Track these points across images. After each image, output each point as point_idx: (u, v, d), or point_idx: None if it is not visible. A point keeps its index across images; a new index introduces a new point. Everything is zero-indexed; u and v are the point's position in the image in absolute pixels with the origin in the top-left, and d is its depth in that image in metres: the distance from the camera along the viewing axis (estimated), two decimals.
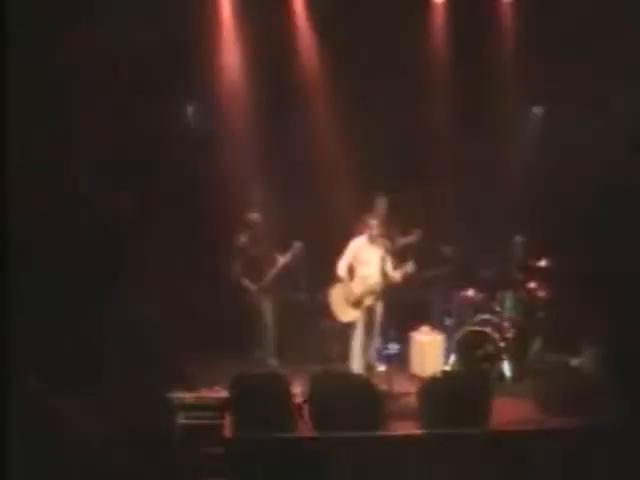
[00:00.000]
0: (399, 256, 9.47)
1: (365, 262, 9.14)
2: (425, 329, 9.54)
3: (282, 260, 9.49)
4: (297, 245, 9.43)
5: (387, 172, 10.39)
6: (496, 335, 9.13)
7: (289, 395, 7.89)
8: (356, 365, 9.11)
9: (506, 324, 9.28)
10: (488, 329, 9.18)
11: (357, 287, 9.12)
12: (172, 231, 9.06)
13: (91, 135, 8.12)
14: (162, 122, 9.05)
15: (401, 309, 9.77)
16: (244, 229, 9.71)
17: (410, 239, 9.88)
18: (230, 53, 10.27)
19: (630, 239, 9.39)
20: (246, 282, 9.52)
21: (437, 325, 9.58)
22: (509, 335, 9.23)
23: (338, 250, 9.27)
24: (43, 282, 7.07)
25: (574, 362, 9.55)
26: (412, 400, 8.32)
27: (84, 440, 7.08)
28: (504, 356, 9.09)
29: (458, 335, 9.24)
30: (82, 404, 7.17)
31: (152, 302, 8.63)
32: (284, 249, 9.52)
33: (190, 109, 10.12)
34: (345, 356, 9.40)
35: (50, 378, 6.98)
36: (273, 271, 9.53)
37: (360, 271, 9.15)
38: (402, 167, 10.59)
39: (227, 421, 7.77)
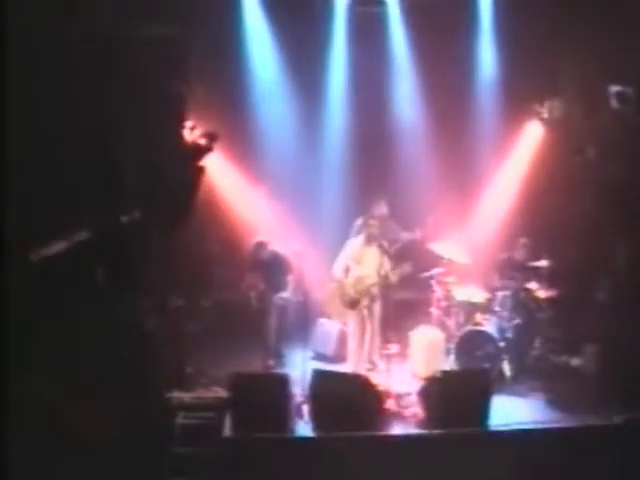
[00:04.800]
0: (399, 255, 9.48)
1: (362, 262, 9.13)
2: (425, 329, 9.53)
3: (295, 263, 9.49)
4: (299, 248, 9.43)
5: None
6: (496, 335, 9.13)
7: (289, 395, 7.89)
8: (354, 365, 9.10)
9: (506, 324, 9.28)
10: (488, 329, 9.18)
11: (353, 287, 9.11)
12: (179, 237, 9.05)
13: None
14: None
15: (401, 309, 9.77)
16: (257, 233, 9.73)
17: (414, 235, 9.87)
18: None
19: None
20: (257, 284, 9.51)
21: (437, 325, 9.57)
22: (509, 335, 9.22)
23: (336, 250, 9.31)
24: (43, 281, 7.06)
25: (574, 362, 9.57)
26: (412, 400, 8.34)
27: (84, 440, 7.08)
28: (504, 356, 9.09)
29: (458, 335, 9.23)
30: (82, 404, 7.16)
31: (154, 303, 8.65)
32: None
33: None
34: (344, 356, 9.41)
35: (48, 377, 6.97)
36: (289, 277, 9.51)
37: (356, 271, 9.14)
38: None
39: (226, 421, 7.78)
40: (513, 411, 8.30)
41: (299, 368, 8.52)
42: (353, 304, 9.12)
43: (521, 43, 10.28)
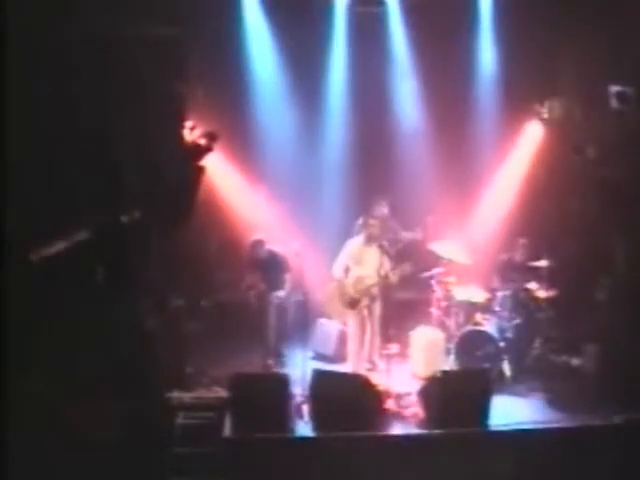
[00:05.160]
0: (399, 255, 9.48)
1: (361, 262, 9.12)
2: (425, 329, 9.53)
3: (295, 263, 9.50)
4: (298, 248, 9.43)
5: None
6: (496, 335, 9.12)
7: (289, 395, 7.89)
8: (354, 365, 9.10)
9: (506, 324, 9.28)
10: (488, 329, 9.18)
11: (353, 287, 9.10)
12: (179, 237, 9.06)
13: None
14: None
15: (401, 309, 9.77)
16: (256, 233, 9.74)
17: (414, 235, 9.88)
18: None
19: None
20: (256, 283, 9.51)
21: (437, 325, 9.56)
22: (509, 335, 9.22)
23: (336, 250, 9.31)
24: (43, 281, 7.07)
25: (574, 362, 9.57)
26: (412, 400, 8.34)
27: (84, 440, 7.08)
28: (504, 356, 9.09)
29: (458, 335, 9.23)
30: (82, 404, 7.16)
31: (154, 303, 8.65)
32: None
33: None
34: (344, 356, 9.41)
35: (48, 377, 6.98)
36: (286, 276, 9.51)
37: (356, 271, 9.13)
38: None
39: (227, 421, 7.78)
40: (513, 411, 8.30)
41: (299, 368, 8.52)
42: (353, 304, 9.12)
43: (521, 43, 10.28)
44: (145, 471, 7.38)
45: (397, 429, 7.98)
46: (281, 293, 9.47)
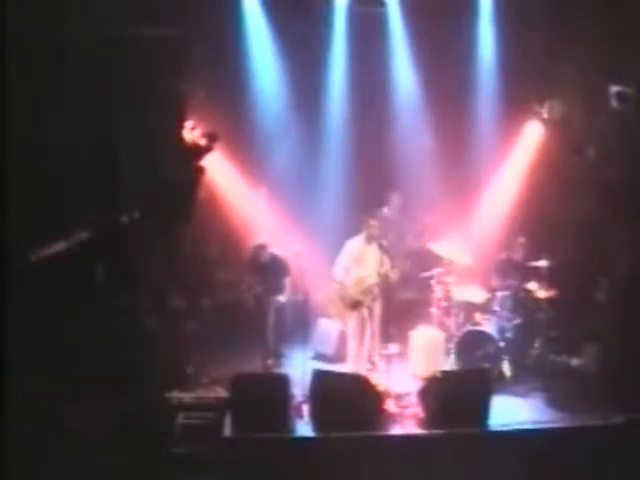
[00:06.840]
0: (399, 254, 9.49)
1: (362, 262, 9.12)
2: (425, 329, 9.53)
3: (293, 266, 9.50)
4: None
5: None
6: (496, 335, 9.13)
7: (289, 395, 7.89)
8: (354, 365, 9.10)
9: (506, 324, 9.28)
10: (488, 329, 9.18)
11: (353, 288, 9.10)
12: (178, 237, 9.06)
13: None
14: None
15: (401, 309, 9.77)
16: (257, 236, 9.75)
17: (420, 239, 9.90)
18: None
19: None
20: (256, 286, 9.52)
21: (437, 325, 9.56)
22: (509, 335, 9.22)
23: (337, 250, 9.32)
24: (43, 281, 7.07)
25: (574, 362, 9.57)
26: (412, 400, 8.34)
27: (84, 440, 7.08)
28: (504, 356, 9.09)
29: (458, 335, 9.23)
30: (82, 404, 7.17)
31: (154, 303, 8.66)
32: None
33: None
34: (344, 356, 9.41)
35: (48, 377, 6.98)
36: (286, 280, 9.52)
37: (356, 272, 9.12)
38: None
39: (227, 421, 7.78)
40: (513, 411, 8.30)
41: (299, 368, 8.51)
42: (354, 306, 9.10)
43: (521, 44, 10.29)
44: (145, 471, 7.39)
45: (397, 429, 7.97)
46: (281, 298, 9.48)
